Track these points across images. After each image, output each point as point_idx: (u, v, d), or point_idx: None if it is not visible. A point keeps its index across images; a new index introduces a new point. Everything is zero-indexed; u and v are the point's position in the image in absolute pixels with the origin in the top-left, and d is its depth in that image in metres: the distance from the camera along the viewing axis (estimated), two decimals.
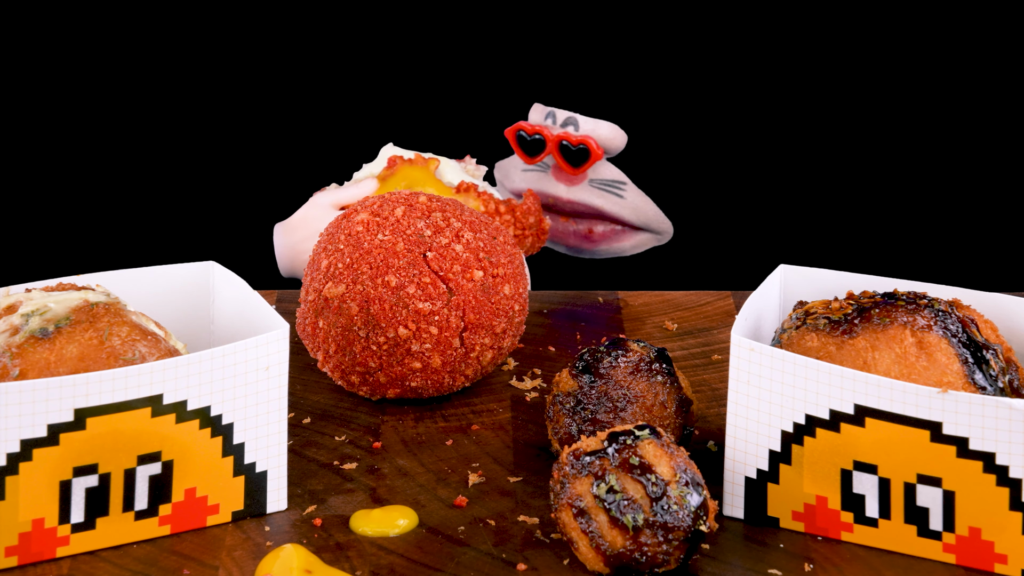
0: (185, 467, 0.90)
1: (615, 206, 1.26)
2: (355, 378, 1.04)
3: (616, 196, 1.27)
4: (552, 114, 1.28)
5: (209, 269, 1.03)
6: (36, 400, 0.85)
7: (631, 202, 1.26)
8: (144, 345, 0.91)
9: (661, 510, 0.86)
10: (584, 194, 1.27)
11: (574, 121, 1.28)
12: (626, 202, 1.26)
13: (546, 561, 0.89)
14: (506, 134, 1.30)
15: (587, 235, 1.27)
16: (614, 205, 1.26)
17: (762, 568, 0.89)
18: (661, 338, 1.15)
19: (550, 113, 1.29)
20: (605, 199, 1.26)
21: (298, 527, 0.92)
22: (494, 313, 1.04)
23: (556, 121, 1.28)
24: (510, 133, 1.29)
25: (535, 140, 1.27)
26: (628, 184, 1.28)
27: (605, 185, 1.27)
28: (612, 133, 1.28)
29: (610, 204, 1.26)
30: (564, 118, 1.28)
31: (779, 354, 0.90)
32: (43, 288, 0.95)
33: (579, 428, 0.95)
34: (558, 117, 1.28)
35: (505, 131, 1.30)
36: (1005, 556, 0.88)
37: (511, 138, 1.29)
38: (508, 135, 1.29)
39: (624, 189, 1.27)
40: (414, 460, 0.99)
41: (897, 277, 1.01)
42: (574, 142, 1.25)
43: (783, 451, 0.91)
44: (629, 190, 1.27)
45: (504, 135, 1.30)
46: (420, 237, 1.04)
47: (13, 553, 0.87)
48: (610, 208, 1.26)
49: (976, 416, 0.86)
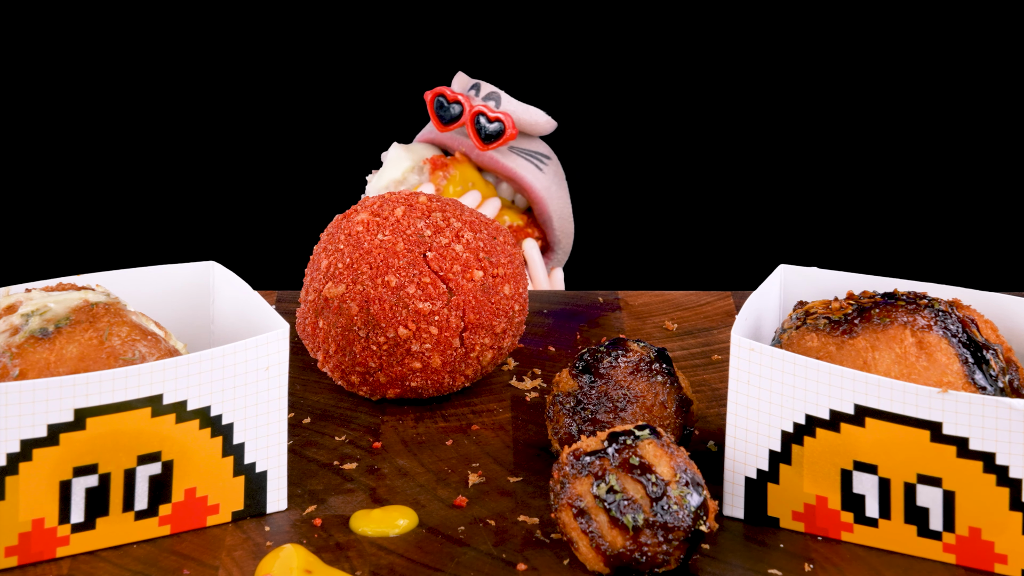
0: (185, 467, 0.90)
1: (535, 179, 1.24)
2: (355, 378, 1.04)
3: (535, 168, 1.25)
4: (477, 86, 1.27)
5: (209, 269, 1.02)
6: (36, 400, 0.85)
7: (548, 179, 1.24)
8: (144, 345, 0.91)
9: (661, 510, 0.86)
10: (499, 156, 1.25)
11: (496, 97, 1.26)
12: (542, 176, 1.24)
13: (546, 561, 0.89)
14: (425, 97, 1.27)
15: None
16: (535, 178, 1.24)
17: (762, 568, 0.89)
18: (661, 338, 1.15)
19: (475, 85, 1.27)
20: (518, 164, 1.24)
21: (298, 527, 0.92)
22: (494, 313, 1.04)
23: (479, 93, 1.26)
24: (428, 96, 1.27)
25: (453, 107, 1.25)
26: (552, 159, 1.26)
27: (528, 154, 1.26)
28: (537, 118, 1.26)
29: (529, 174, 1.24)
30: (488, 92, 1.26)
31: (779, 354, 0.90)
32: (43, 288, 0.95)
33: (579, 428, 0.95)
34: (483, 90, 1.26)
35: (425, 94, 1.28)
36: (1005, 556, 0.88)
37: (429, 102, 1.27)
38: (427, 98, 1.27)
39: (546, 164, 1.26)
40: (414, 460, 0.99)
41: (897, 277, 1.01)
42: (491, 117, 1.24)
43: (783, 451, 0.91)
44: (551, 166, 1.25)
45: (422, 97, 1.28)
46: (420, 237, 1.04)
47: (13, 553, 0.87)
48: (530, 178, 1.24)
49: (976, 416, 0.86)
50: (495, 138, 1.24)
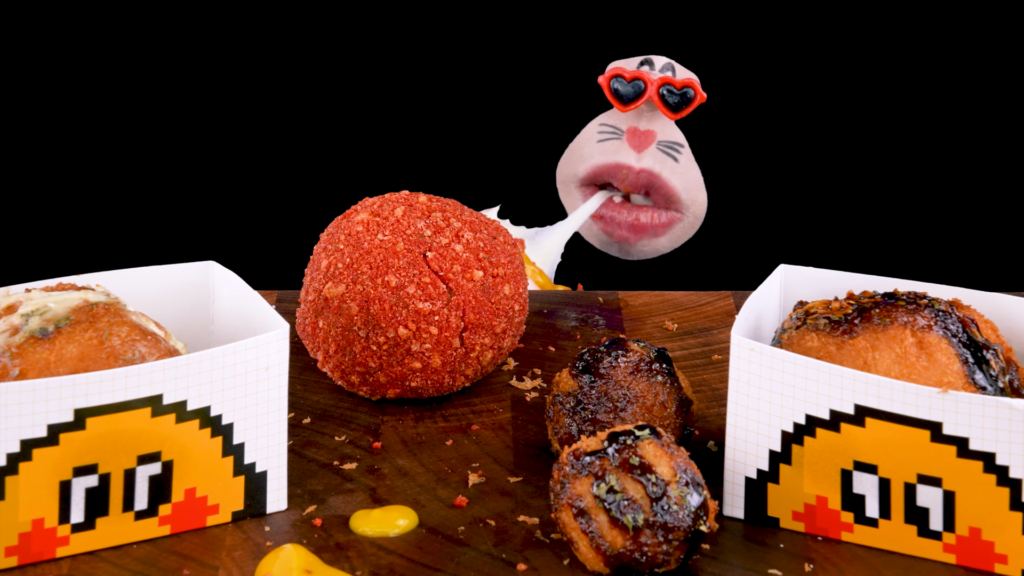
0: (185, 467, 0.90)
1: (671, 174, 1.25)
2: (355, 378, 1.04)
3: (673, 161, 1.25)
4: (648, 60, 1.26)
5: (209, 269, 1.02)
6: (36, 400, 0.85)
7: (683, 167, 1.25)
8: (144, 345, 0.91)
9: (661, 510, 0.86)
10: (649, 160, 1.25)
11: (671, 67, 1.26)
12: (678, 166, 1.25)
13: (546, 561, 0.89)
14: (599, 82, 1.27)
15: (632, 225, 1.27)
16: (671, 173, 1.25)
17: (762, 568, 0.89)
18: (661, 338, 1.15)
19: (645, 60, 1.27)
20: (664, 165, 1.25)
21: (298, 527, 0.92)
22: (494, 313, 1.04)
23: (654, 67, 1.26)
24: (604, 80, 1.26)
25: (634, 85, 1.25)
26: (685, 147, 1.27)
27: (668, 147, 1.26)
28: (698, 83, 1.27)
29: (667, 171, 1.25)
30: (663, 63, 1.26)
31: (779, 354, 0.90)
32: (43, 288, 0.95)
33: (579, 428, 0.95)
34: (656, 63, 1.26)
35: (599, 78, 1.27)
36: (1005, 556, 0.88)
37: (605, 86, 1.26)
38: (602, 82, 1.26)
39: (680, 152, 1.26)
40: (414, 460, 0.99)
41: (897, 277, 1.01)
42: (677, 85, 1.24)
43: (783, 451, 0.91)
44: (684, 154, 1.26)
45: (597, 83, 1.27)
46: (420, 237, 1.04)
47: (13, 553, 0.87)
48: (666, 176, 1.24)
49: (976, 416, 0.86)
50: (685, 104, 1.24)
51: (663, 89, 1.24)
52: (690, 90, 1.24)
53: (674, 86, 1.24)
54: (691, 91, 1.24)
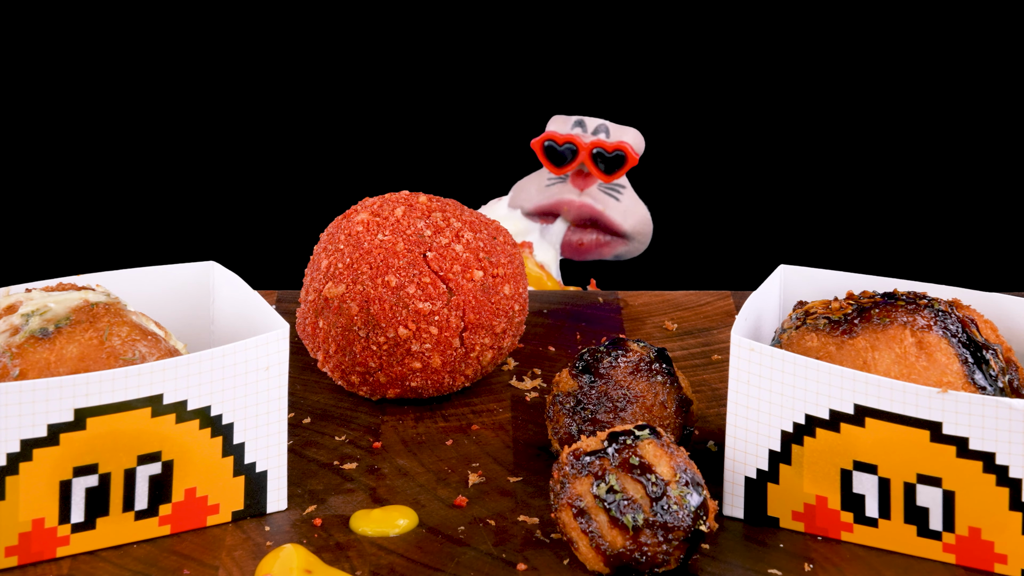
0: (185, 467, 0.90)
1: (613, 211, 1.27)
2: (355, 378, 1.04)
3: (614, 200, 1.27)
4: (581, 122, 1.28)
5: (209, 269, 1.03)
6: (36, 400, 0.85)
7: (625, 205, 1.27)
8: (144, 345, 0.91)
9: (661, 510, 0.86)
10: (590, 199, 1.28)
11: (605, 128, 1.28)
12: (620, 205, 1.27)
13: (546, 561, 0.89)
14: (532, 145, 1.29)
15: (577, 247, 1.30)
16: (613, 211, 1.27)
17: (762, 568, 0.89)
18: (661, 338, 1.15)
19: (578, 121, 1.28)
20: (606, 204, 1.27)
21: (298, 527, 0.92)
22: (494, 313, 1.04)
23: (587, 129, 1.27)
24: (537, 144, 1.28)
25: (566, 149, 1.27)
26: (627, 188, 1.29)
27: (609, 188, 1.28)
28: (636, 139, 1.29)
29: (610, 209, 1.27)
30: (595, 125, 1.27)
31: (779, 354, 0.90)
32: (43, 288, 0.95)
33: (579, 428, 0.95)
34: (588, 125, 1.27)
35: (532, 142, 1.29)
36: (1005, 556, 0.88)
37: (538, 150, 1.28)
38: (535, 146, 1.28)
39: (622, 192, 1.28)
40: (414, 460, 0.99)
41: (897, 277, 1.01)
42: (609, 148, 1.25)
43: (783, 451, 0.91)
44: (626, 193, 1.28)
45: (530, 147, 1.30)
46: (420, 237, 1.04)
47: (13, 553, 0.87)
48: (609, 213, 1.27)
49: (976, 416, 0.86)
50: (618, 166, 1.26)
51: (595, 151, 1.26)
52: (622, 153, 1.25)
53: (606, 150, 1.26)
54: (623, 154, 1.25)
